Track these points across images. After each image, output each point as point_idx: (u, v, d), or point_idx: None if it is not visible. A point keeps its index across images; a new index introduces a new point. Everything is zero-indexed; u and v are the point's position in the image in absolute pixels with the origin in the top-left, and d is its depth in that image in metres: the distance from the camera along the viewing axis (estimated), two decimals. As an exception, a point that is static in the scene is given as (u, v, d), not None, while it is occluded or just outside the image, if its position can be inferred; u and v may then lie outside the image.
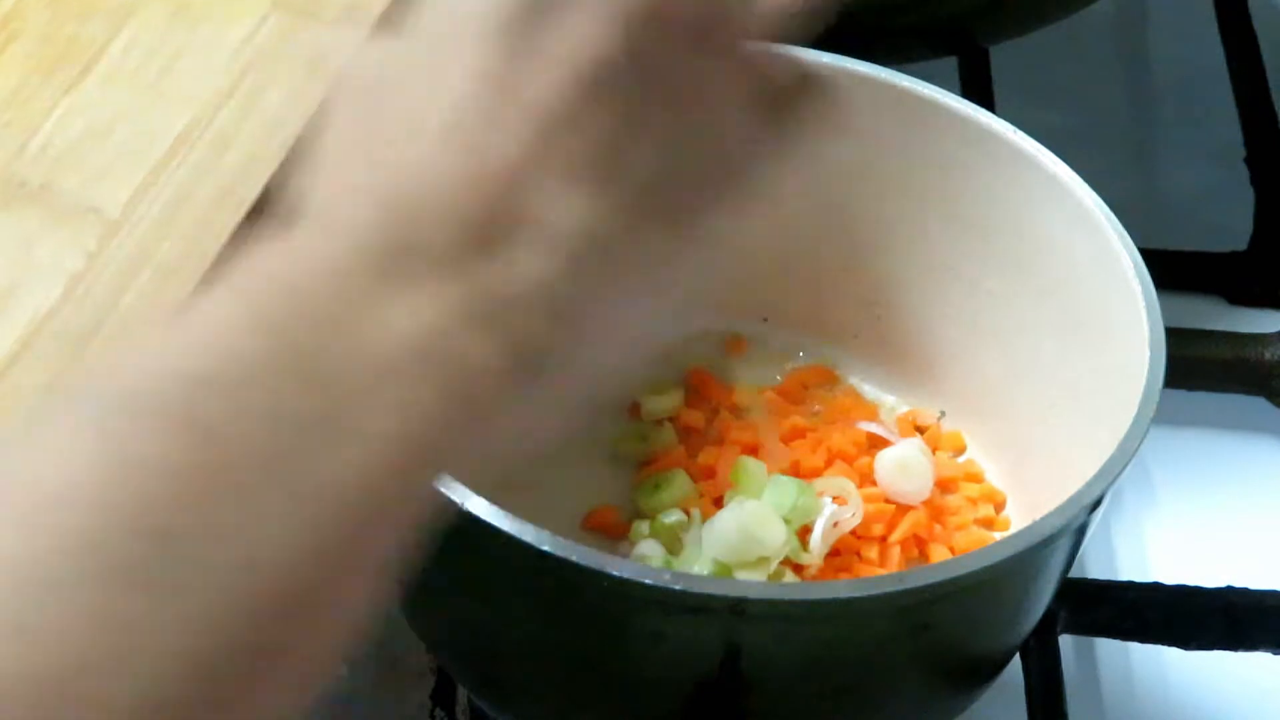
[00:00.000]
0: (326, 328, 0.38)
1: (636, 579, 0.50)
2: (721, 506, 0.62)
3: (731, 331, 0.70)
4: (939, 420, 0.67)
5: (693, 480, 0.64)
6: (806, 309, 0.69)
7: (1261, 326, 0.72)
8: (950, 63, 0.83)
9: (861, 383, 0.69)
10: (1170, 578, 0.67)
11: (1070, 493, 0.53)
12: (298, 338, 0.37)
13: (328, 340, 0.38)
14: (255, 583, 0.36)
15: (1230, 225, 0.81)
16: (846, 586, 0.51)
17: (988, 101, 0.79)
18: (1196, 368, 0.70)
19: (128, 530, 0.35)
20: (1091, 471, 0.54)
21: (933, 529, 0.63)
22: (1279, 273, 0.79)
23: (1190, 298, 0.78)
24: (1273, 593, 0.66)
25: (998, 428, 0.66)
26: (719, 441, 0.65)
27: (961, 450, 0.67)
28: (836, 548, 0.61)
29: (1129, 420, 0.55)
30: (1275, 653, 0.65)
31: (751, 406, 0.67)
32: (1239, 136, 0.83)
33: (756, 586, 0.54)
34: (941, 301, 0.67)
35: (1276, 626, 0.65)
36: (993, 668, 0.59)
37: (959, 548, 0.63)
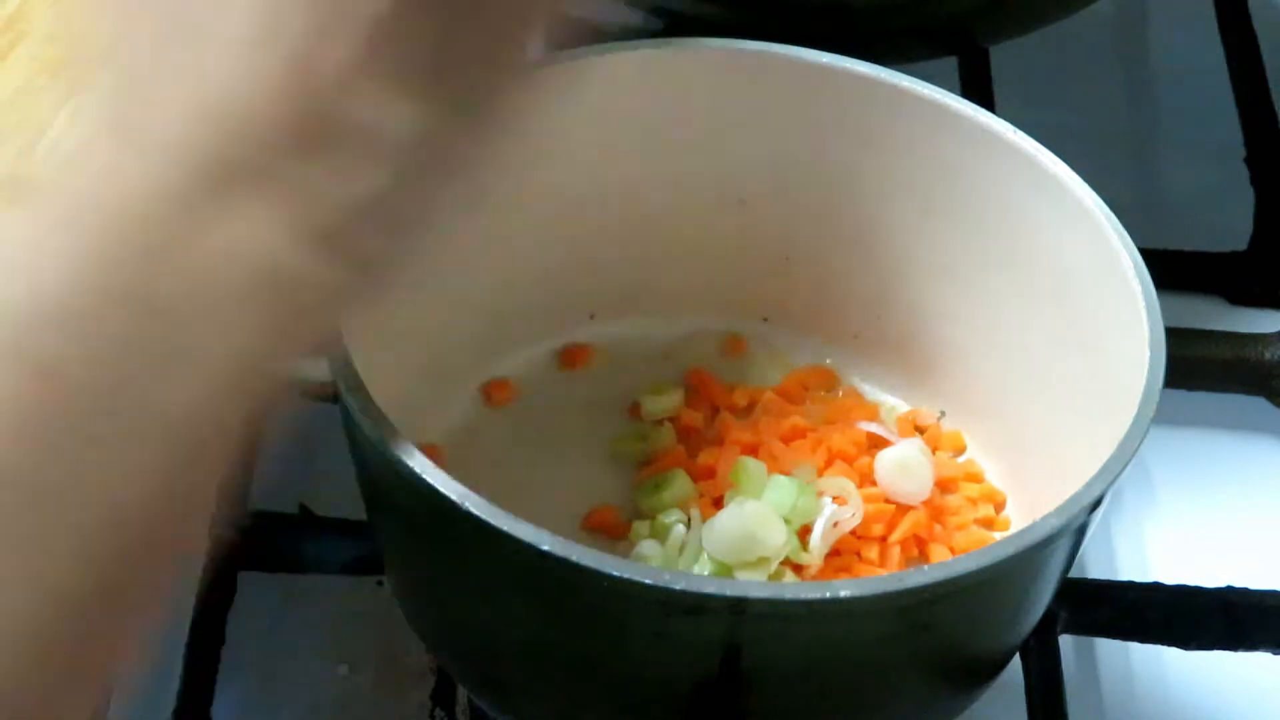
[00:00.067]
0: (157, 254, 0.36)
1: (636, 579, 0.50)
2: (721, 506, 0.62)
3: (731, 331, 0.70)
4: (939, 420, 0.67)
5: (693, 480, 0.64)
6: (806, 309, 0.69)
7: (1261, 326, 0.72)
8: (950, 63, 0.83)
9: (861, 383, 0.69)
10: (1170, 578, 0.67)
11: (1070, 493, 0.53)
12: (129, 265, 0.36)
13: (160, 267, 0.36)
14: (104, 517, 0.35)
15: (1230, 225, 0.81)
16: (846, 586, 0.50)
17: (988, 101, 0.79)
18: (1196, 368, 0.70)
19: None
20: (1091, 471, 0.54)
21: (933, 529, 0.63)
22: (1279, 273, 0.79)
23: (1190, 298, 0.78)
24: (1273, 593, 0.66)
25: (998, 428, 0.66)
26: (719, 441, 0.65)
27: (961, 450, 0.67)
28: (836, 548, 0.61)
29: (1129, 420, 0.55)
30: (1275, 653, 0.65)
31: (751, 406, 0.67)
32: (1239, 136, 0.83)
33: (756, 586, 0.54)
34: (941, 301, 0.67)
35: (1276, 626, 0.65)
36: (993, 668, 0.59)
37: (959, 548, 0.63)
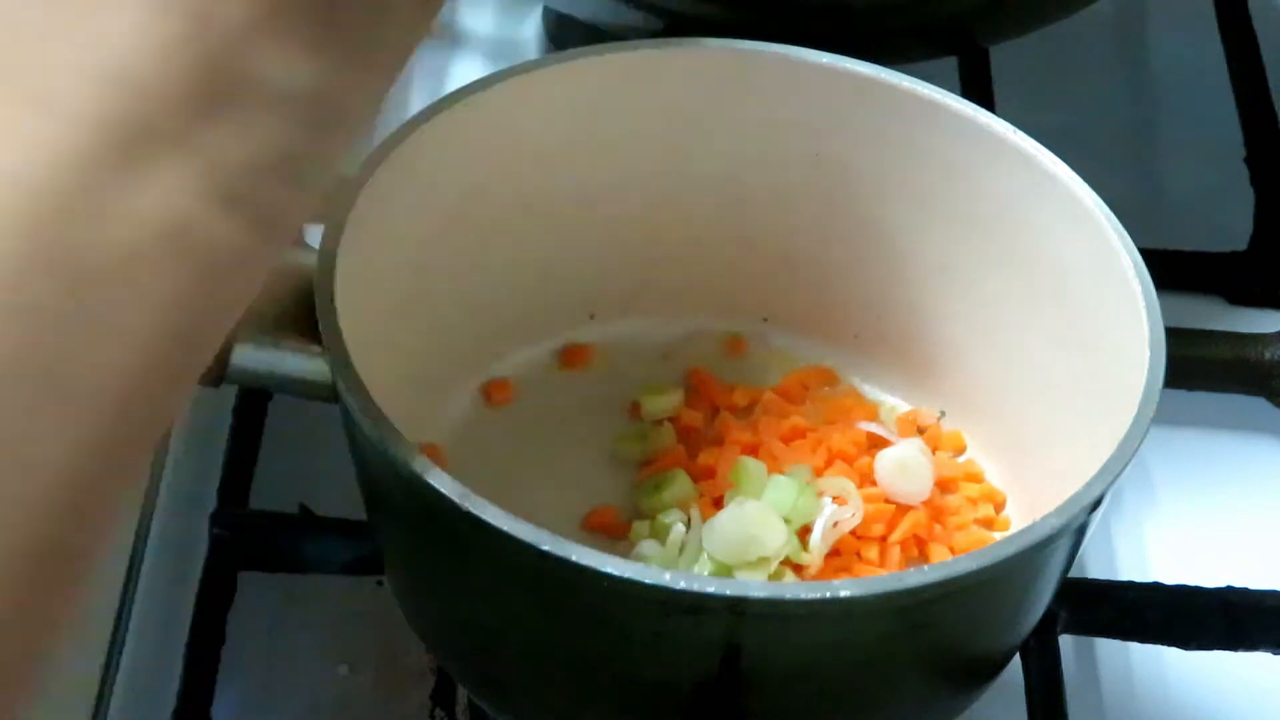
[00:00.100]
0: (67, 218, 0.36)
1: (636, 579, 0.50)
2: (721, 506, 0.62)
3: (731, 331, 0.70)
4: (939, 420, 0.67)
5: (693, 480, 0.64)
6: (807, 309, 0.69)
7: (1261, 326, 0.72)
8: (950, 63, 0.83)
9: (861, 383, 0.69)
10: (1170, 578, 0.67)
11: (1070, 493, 0.53)
12: (39, 230, 0.36)
13: (70, 231, 0.36)
14: (30, 483, 0.35)
15: (1230, 225, 0.81)
16: (846, 586, 0.50)
17: (988, 101, 0.79)
18: (1196, 368, 0.70)
19: None
20: (1091, 471, 0.54)
21: (933, 529, 0.63)
22: (1279, 273, 0.79)
23: (1190, 298, 0.78)
24: (1273, 593, 0.66)
25: (998, 428, 0.66)
26: (719, 441, 0.65)
27: (961, 450, 0.67)
28: (836, 548, 0.61)
29: (1129, 420, 0.55)
30: (1275, 653, 0.65)
31: (751, 406, 0.67)
32: (1239, 136, 0.83)
33: (756, 586, 0.54)
34: (941, 301, 0.67)
35: (1276, 626, 0.65)
36: (993, 668, 0.59)
37: (959, 548, 0.63)
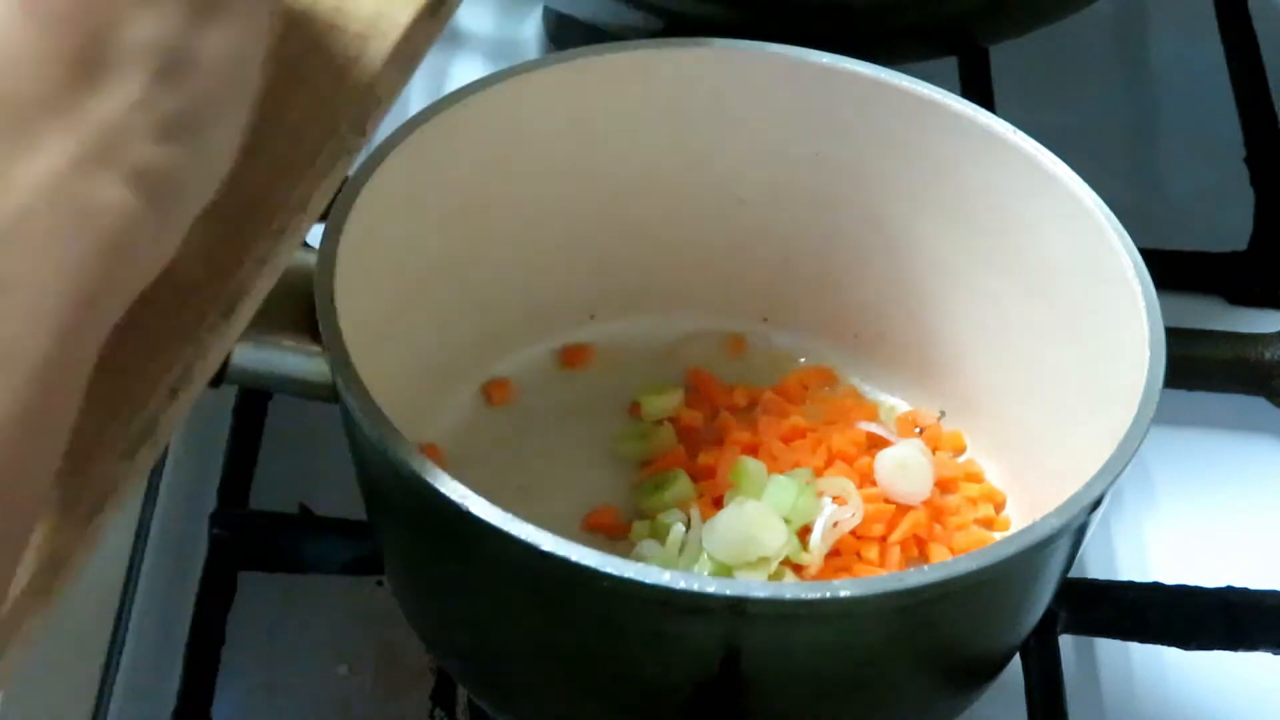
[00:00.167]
0: None
1: (636, 579, 0.50)
2: (721, 506, 0.62)
3: (731, 331, 0.70)
4: (939, 420, 0.67)
5: (693, 480, 0.64)
6: (807, 309, 0.69)
7: (1261, 326, 0.72)
8: (950, 63, 0.83)
9: (861, 383, 0.69)
10: (1170, 578, 0.67)
11: (1070, 493, 0.53)
12: None
13: None
14: None
15: (1230, 225, 0.81)
16: (846, 586, 0.50)
17: (988, 101, 0.79)
18: (1196, 368, 0.70)
19: None
20: (1091, 471, 0.54)
21: (933, 529, 0.63)
22: (1279, 273, 0.79)
23: (1190, 298, 0.78)
24: (1273, 593, 0.66)
25: (998, 428, 0.66)
26: (719, 441, 0.65)
27: (961, 450, 0.67)
28: (836, 548, 0.61)
29: (1129, 420, 0.55)
30: (1275, 653, 0.65)
31: (751, 406, 0.67)
32: (1239, 136, 0.83)
33: (756, 586, 0.54)
34: (941, 301, 0.67)
35: (1276, 626, 0.65)
36: (993, 668, 0.59)
37: (959, 548, 0.63)
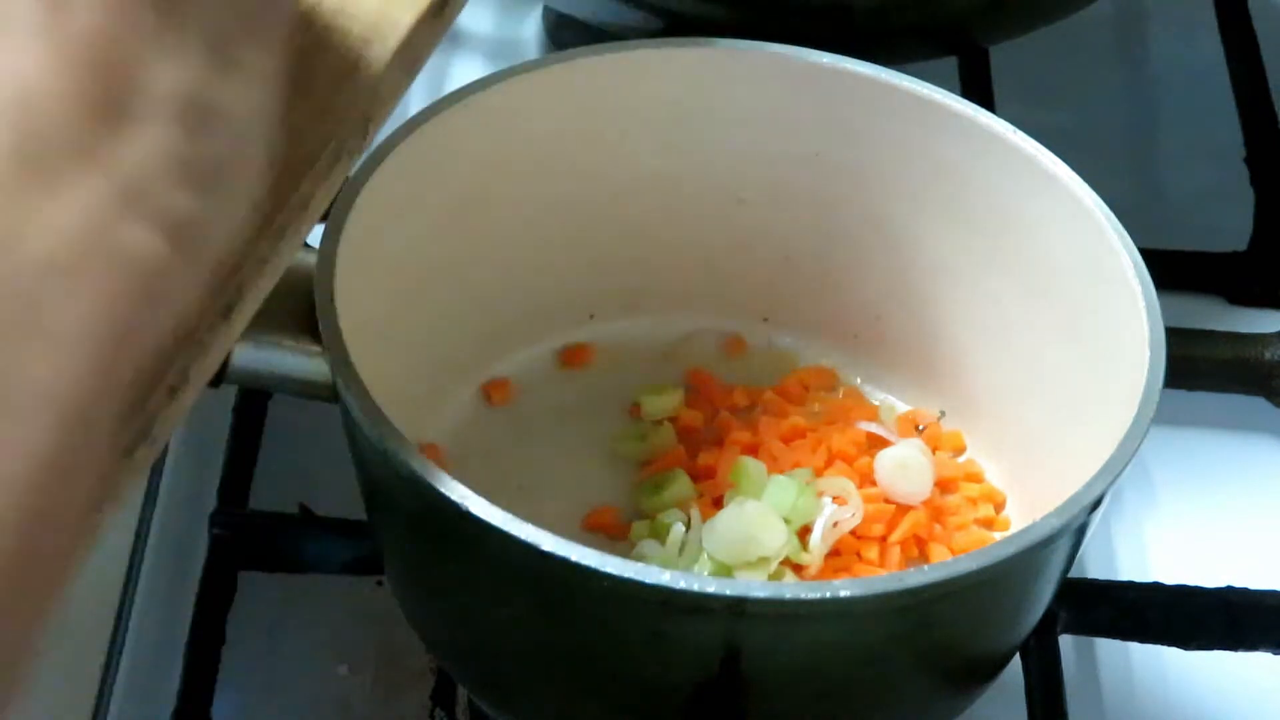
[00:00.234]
0: None
1: (636, 579, 0.50)
2: (721, 506, 0.62)
3: (731, 331, 0.70)
4: (939, 420, 0.67)
5: (693, 480, 0.64)
6: (807, 309, 0.69)
7: (1261, 326, 0.72)
8: (950, 63, 0.83)
9: (861, 383, 0.69)
10: (1170, 578, 0.67)
11: (1070, 493, 0.53)
12: None
13: None
14: None
15: (1230, 225, 0.81)
16: (846, 586, 0.50)
17: (988, 101, 0.79)
18: (1196, 368, 0.70)
19: None
20: (1091, 471, 0.54)
21: (933, 529, 0.63)
22: (1279, 273, 0.79)
23: (1190, 298, 0.78)
24: (1273, 593, 0.66)
25: (998, 428, 0.66)
26: (719, 441, 0.65)
27: (961, 450, 0.67)
28: (836, 548, 0.61)
29: (1129, 420, 0.55)
30: (1275, 653, 0.65)
31: (751, 406, 0.67)
32: (1239, 136, 0.83)
33: (756, 586, 0.54)
34: (941, 301, 0.67)
35: (1276, 626, 0.65)
36: (993, 668, 0.59)
37: (959, 548, 0.63)
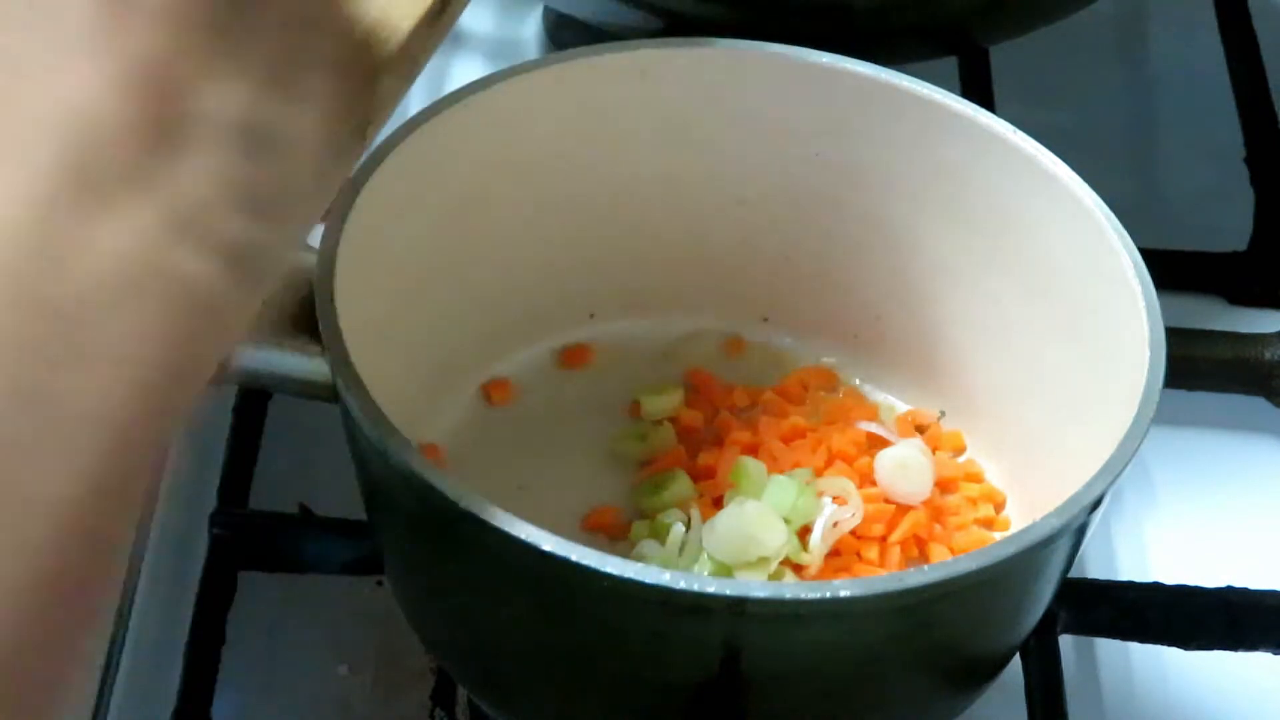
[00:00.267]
0: (39, 259, 0.37)
1: (636, 579, 0.50)
2: (721, 506, 0.62)
3: (731, 331, 0.70)
4: (939, 420, 0.67)
5: (693, 480, 0.64)
6: (807, 309, 0.69)
7: (1261, 326, 0.72)
8: (950, 63, 0.83)
9: (862, 383, 0.69)
10: (1170, 578, 0.67)
11: (1070, 493, 0.53)
12: (13, 271, 0.36)
13: (44, 271, 0.37)
14: (32, 517, 0.35)
15: (1230, 225, 0.81)
16: (846, 586, 0.50)
17: (988, 101, 0.79)
18: (1196, 368, 0.70)
19: None
20: (1091, 471, 0.54)
21: (933, 529, 0.63)
22: (1279, 273, 0.79)
23: (1190, 298, 0.78)
24: (1273, 593, 0.66)
25: (998, 428, 0.66)
26: (719, 441, 0.65)
27: (961, 450, 0.67)
28: (836, 548, 0.61)
29: (1129, 420, 0.55)
30: (1275, 653, 0.65)
31: (751, 406, 0.67)
32: (1239, 136, 0.83)
33: (756, 586, 0.54)
34: (941, 301, 0.67)
35: (1276, 626, 0.65)
36: (993, 668, 0.59)
37: (959, 548, 0.63)
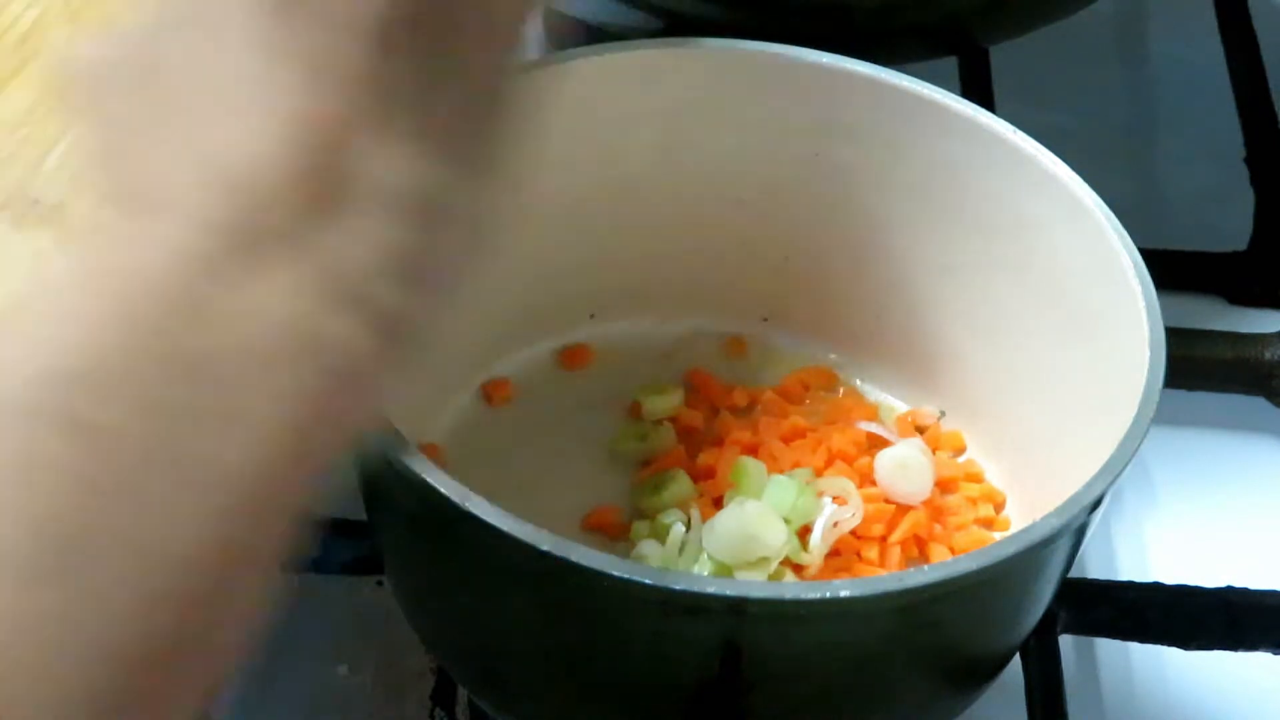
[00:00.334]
0: (187, 315, 0.37)
1: (636, 579, 0.50)
2: (721, 506, 0.62)
3: (731, 331, 0.70)
4: (939, 420, 0.67)
5: (693, 480, 0.64)
6: (807, 309, 0.69)
7: (1261, 326, 0.72)
8: (950, 63, 0.83)
9: (862, 383, 0.69)
10: (1170, 578, 0.67)
11: (1070, 493, 0.53)
12: (161, 326, 0.37)
13: (191, 327, 0.37)
14: (160, 574, 0.35)
15: (1230, 225, 0.81)
16: (846, 586, 0.50)
17: (988, 101, 0.79)
18: (1196, 368, 0.70)
19: (29, 533, 0.34)
20: (1091, 471, 0.54)
21: (933, 529, 0.63)
22: (1279, 273, 0.79)
23: (1190, 298, 0.78)
24: (1273, 593, 0.66)
25: (998, 428, 0.66)
26: (719, 441, 0.65)
27: (961, 450, 0.67)
28: (836, 548, 0.61)
29: (1129, 420, 0.55)
30: (1275, 653, 0.65)
31: (751, 406, 0.67)
32: (1239, 136, 0.83)
33: (756, 586, 0.54)
34: (941, 301, 0.67)
35: (1276, 626, 0.65)
36: (993, 668, 0.59)
37: (959, 548, 0.63)
